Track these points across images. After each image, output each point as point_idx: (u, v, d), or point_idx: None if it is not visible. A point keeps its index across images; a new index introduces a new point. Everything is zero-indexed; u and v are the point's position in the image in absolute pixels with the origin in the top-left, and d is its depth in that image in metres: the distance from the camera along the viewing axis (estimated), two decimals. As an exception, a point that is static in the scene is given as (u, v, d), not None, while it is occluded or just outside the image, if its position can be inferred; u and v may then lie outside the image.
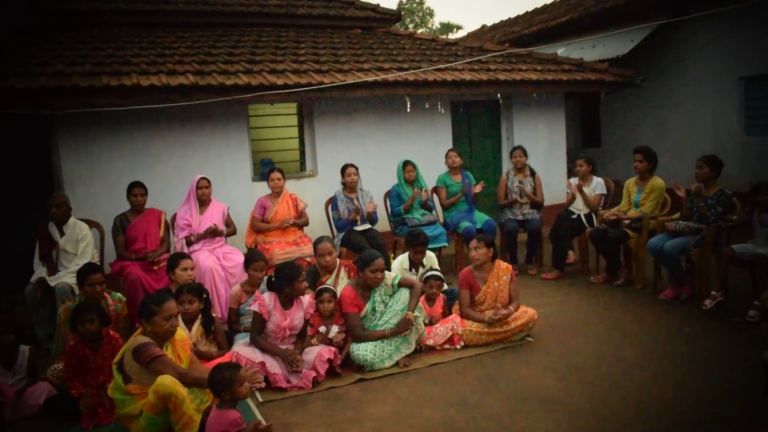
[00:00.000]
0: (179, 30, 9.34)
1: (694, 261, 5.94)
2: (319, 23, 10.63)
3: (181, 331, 3.95)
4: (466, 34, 20.17)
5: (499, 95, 9.23)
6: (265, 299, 4.63)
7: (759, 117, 9.91)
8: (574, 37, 12.48)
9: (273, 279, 4.71)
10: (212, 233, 6.29)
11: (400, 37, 10.83)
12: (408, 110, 8.43)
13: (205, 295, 4.73)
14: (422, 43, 10.58)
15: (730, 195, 6.00)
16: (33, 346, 4.61)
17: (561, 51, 11.94)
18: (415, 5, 41.05)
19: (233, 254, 6.30)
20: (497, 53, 9.87)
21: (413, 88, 8.22)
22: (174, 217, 6.55)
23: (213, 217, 6.46)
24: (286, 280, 4.64)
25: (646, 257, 6.56)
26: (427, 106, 8.78)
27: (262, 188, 7.74)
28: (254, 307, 4.61)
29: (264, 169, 8.38)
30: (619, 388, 4.18)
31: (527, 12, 16.65)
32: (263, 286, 5.24)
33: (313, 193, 8.08)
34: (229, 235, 6.59)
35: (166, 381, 3.42)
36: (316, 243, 5.50)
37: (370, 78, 7.87)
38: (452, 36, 41.60)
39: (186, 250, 6.14)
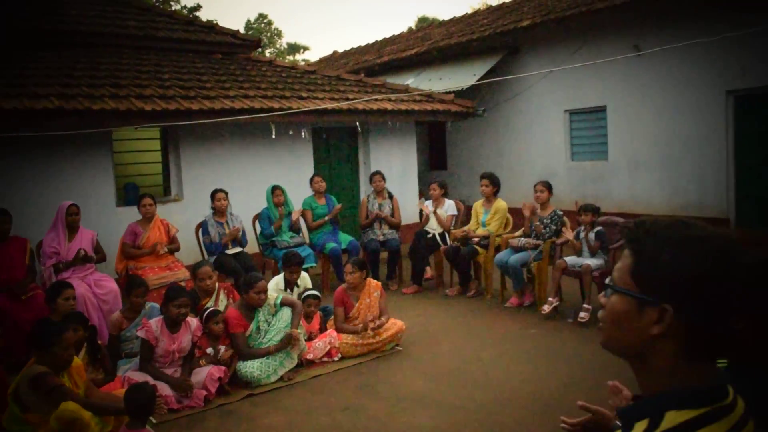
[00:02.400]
0: (33, 49, 8.98)
1: (534, 272, 6.86)
2: (180, 47, 10.64)
3: (77, 358, 4.04)
4: (318, 59, 20.79)
5: (357, 123, 9.84)
6: (152, 325, 4.79)
7: (581, 145, 11.41)
8: (423, 68, 13.51)
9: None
10: (83, 260, 6.24)
11: (260, 64, 11.14)
12: (273, 136, 8.77)
13: (90, 324, 4.78)
14: (283, 70, 10.99)
15: (561, 215, 7.02)
16: None
17: (410, 81, 12.86)
18: (263, 26, 41.27)
19: (105, 281, 6.29)
20: (373, 98, 10.49)
21: (278, 115, 8.58)
22: (39, 245, 6.40)
23: (82, 243, 6.40)
24: (164, 301, 4.85)
25: (493, 270, 7.42)
26: (291, 132, 9.18)
27: (127, 214, 7.75)
28: (141, 334, 4.75)
29: (129, 194, 8.32)
30: (480, 384, 4.85)
31: (377, 41, 17.62)
32: (143, 311, 5.37)
33: (179, 218, 8.13)
34: (98, 261, 6.54)
35: (70, 406, 3.54)
36: (196, 267, 5.71)
37: (237, 105, 8.16)
38: (299, 57, 42.28)
39: (54, 278, 6.06)
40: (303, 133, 9.33)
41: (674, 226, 1.28)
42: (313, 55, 52.75)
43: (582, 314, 6.19)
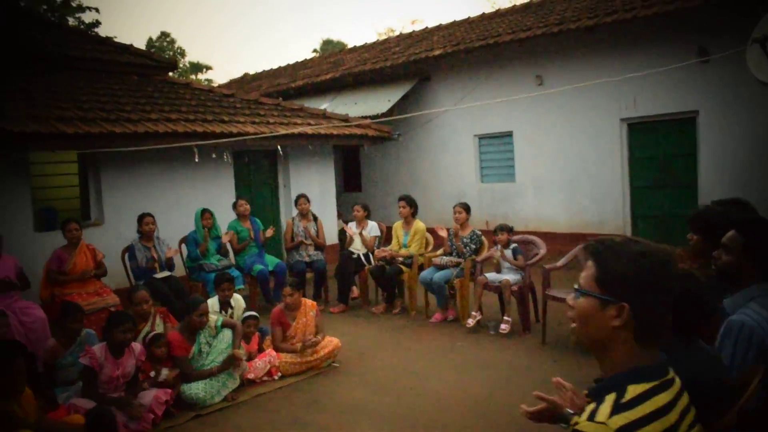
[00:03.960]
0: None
1: (457, 289, 7.28)
2: (93, 67, 10.43)
3: (27, 387, 4.01)
4: (228, 80, 20.70)
5: (279, 146, 10.02)
6: (96, 351, 4.78)
7: (489, 168, 12.11)
8: (337, 93, 13.87)
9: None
10: (6, 287, 6.07)
11: (177, 86, 11.11)
12: (196, 160, 8.78)
13: (30, 351, 4.71)
14: (201, 93, 11.01)
15: (480, 234, 7.51)
16: None
17: (326, 105, 13.17)
18: (165, 44, 40.39)
19: (31, 309, 6.14)
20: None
21: (201, 139, 8.62)
22: (-43, 274, 6.17)
23: (4, 270, 6.21)
24: (108, 327, 4.87)
25: (417, 288, 7.79)
26: (213, 156, 9.22)
27: (46, 239, 7.58)
28: (84, 361, 4.73)
29: (46, 219, 8.10)
30: (417, 393, 5.17)
31: (289, 65, 17.85)
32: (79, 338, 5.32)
33: (99, 242, 7.91)
34: (22, 289, 6.37)
35: (23, 434, 3.55)
36: (132, 292, 5.72)
37: (161, 129, 8.16)
38: (202, 76, 41.63)
39: (-25, 308, 5.88)
40: (225, 157, 9.41)
41: (626, 243, 1.68)
42: (215, 75, 52.12)
43: (503, 326, 6.66)
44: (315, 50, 43.08)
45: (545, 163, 11.12)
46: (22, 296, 6.41)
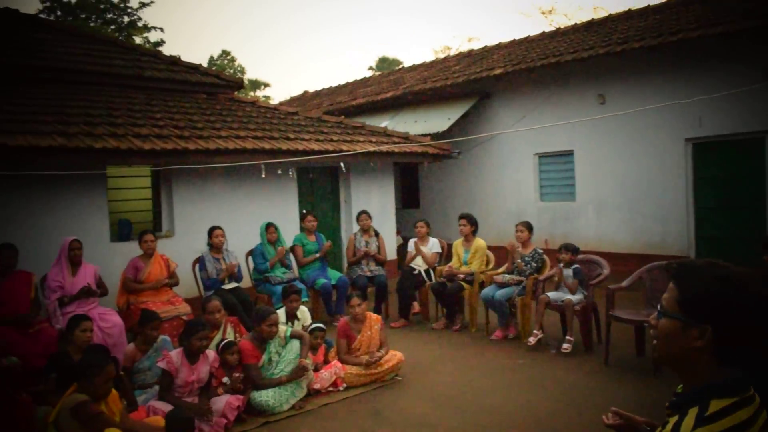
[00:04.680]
0: (23, 85, 9.08)
1: (518, 307, 7.30)
2: (165, 87, 10.90)
3: (113, 389, 4.26)
4: (289, 98, 21.21)
5: (341, 163, 10.24)
6: (173, 356, 5.02)
7: (550, 186, 12.07)
8: (397, 111, 14.07)
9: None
10: (87, 294, 6.41)
11: (244, 105, 11.49)
12: (263, 176, 9.06)
13: (113, 355, 4.98)
14: (266, 111, 11.36)
15: (542, 253, 7.52)
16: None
17: (386, 123, 13.38)
18: (226, 62, 41.62)
19: (109, 315, 6.47)
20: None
21: (269, 155, 8.91)
22: (43, 279, 6.55)
23: (85, 278, 6.58)
24: (186, 334, 5.11)
25: (478, 305, 7.83)
26: (279, 172, 9.49)
27: (121, 249, 7.96)
28: (162, 365, 4.98)
29: (122, 229, 8.49)
30: (480, 409, 5.21)
31: (348, 83, 18.20)
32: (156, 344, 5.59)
33: (170, 253, 8.28)
34: (101, 296, 6.72)
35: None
36: (206, 301, 5.98)
37: (231, 145, 8.48)
38: (260, 93, 42.67)
39: (59, 312, 6.24)
40: (291, 173, 9.68)
41: (709, 266, 1.73)
42: (273, 92, 53.29)
43: (565, 345, 6.64)
44: (371, 68, 43.71)
45: (607, 182, 11.03)
46: (100, 303, 6.77)
